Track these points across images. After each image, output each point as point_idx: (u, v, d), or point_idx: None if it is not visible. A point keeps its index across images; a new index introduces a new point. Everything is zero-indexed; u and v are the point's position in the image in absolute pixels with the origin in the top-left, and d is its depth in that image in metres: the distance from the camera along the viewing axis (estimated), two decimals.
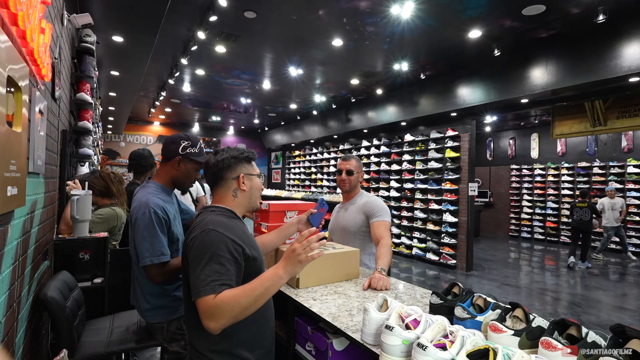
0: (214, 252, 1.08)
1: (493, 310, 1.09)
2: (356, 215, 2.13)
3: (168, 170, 1.65)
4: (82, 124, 3.16)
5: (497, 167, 11.29)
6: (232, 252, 1.10)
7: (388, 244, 1.92)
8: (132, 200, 1.63)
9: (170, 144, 1.63)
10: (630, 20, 3.89)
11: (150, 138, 11.89)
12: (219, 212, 1.23)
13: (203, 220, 1.17)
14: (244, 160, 1.31)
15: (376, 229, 2.02)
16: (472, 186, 6.44)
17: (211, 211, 1.23)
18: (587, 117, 5.86)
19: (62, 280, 1.82)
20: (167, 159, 1.65)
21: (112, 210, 2.48)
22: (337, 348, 1.32)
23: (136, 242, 1.52)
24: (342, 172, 2.18)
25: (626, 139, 8.47)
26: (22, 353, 1.43)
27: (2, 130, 0.99)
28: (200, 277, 1.04)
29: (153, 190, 1.61)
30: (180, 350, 1.65)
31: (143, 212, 1.51)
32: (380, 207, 2.08)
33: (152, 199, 1.55)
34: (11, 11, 1.07)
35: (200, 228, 1.14)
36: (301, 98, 8.12)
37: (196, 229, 1.16)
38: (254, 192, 1.33)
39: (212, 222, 1.15)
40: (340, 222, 2.20)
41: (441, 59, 5.41)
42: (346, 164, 2.19)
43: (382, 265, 1.76)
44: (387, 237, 1.97)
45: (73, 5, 3.08)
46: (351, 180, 2.18)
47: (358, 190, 2.24)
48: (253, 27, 4.48)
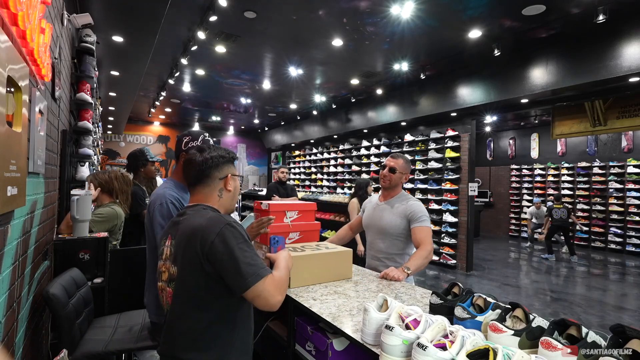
0: (244, 241, 1.13)
1: (493, 310, 1.09)
2: (397, 219, 2.09)
3: (179, 168, 1.75)
4: (82, 124, 3.15)
5: (497, 167, 11.29)
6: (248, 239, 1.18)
7: (428, 250, 1.93)
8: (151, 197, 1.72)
9: (177, 143, 1.73)
10: (630, 20, 3.89)
11: (150, 138, 11.89)
12: (212, 209, 1.22)
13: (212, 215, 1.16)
14: (230, 161, 1.31)
15: (418, 234, 2.01)
16: (472, 186, 6.44)
17: (204, 209, 1.21)
18: (587, 117, 5.86)
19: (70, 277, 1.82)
20: (177, 158, 1.75)
21: (112, 210, 2.48)
22: (337, 348, 1.32)
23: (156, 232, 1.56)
24: (385, 167, 2.18)
25: (626, 139, 8.47)
26: (22, 353, 1.43)
27: (2, 130, 0.99)
28: (251, 263, 1.09)
29: (169, 185, 1.70)
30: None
31: (160, 202, 1.58)
32: (422, 212, 2.06)
33: (167, 192, 1.63)
34: (11, 11, 1.07)
35: (219, 222, 1.12)
36: (301, 98, 8.12)
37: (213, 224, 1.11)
38: (235, 193, 1.33)
39: (224, 217, 1.18)
40: (378, 221, 2.17)
41: (441, 59, 5.41)
42: (392, 161, 2.17)
43: (409, 265, 1.84)
44: (428, 243, 1.96)
45: (73, 5, 3.08)
46: (392, 178, 2.15)
47: (399, 191, 2.21)
48: (253, 27, 4.48)
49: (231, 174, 1.29)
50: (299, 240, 2.06)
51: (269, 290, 1.09)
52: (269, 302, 1.09)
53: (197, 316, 1.11)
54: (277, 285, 1.12)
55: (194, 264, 1.10)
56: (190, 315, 1.12)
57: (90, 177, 2.58)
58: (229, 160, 1.30)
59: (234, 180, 1.31)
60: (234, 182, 1.31)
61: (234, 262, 1.07)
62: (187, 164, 1.28)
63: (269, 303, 1.09)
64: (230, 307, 1.14)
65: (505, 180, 11.01)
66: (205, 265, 1.08)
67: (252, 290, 1.07)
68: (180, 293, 1.13)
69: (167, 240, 1.22)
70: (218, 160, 1.25)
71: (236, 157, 1.36)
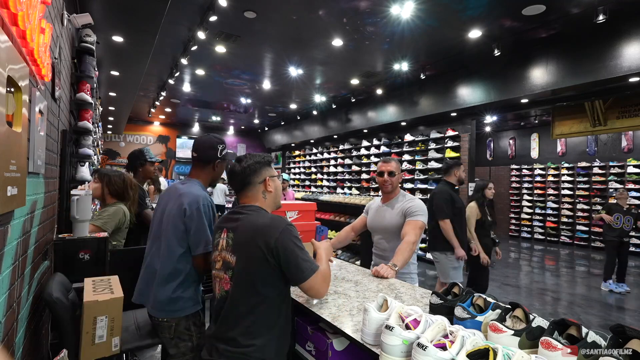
0: (300, 239, 1.31)
1: (493, 310, 1.08)
2: (398, 217, 2.18)
3: (208, 172, 1.81)
4: (82, 124, 3.15)
5: (497, 167, 11.29)
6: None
7: (409, 242, 1.98)
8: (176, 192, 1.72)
9: (209, 149, 1.77)
10: (630, 20, 3.89)
11: (150, 138, 11.89)
12: (265, 211, 1.40)
13: (275, 218, 1.34)
14: (266, 164, 1.45)
15: (406, 226, 2.08)
16: (472, 186, 6.44)
17: (259, 209, 1.39)
18: (587, 117, 5.87)
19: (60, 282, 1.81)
20: (207, 162, 1.79)
21: (119, 207, 2.48)
22: (337, 348, 1.32)
23: (193, 230, 1.61)
24: (384, 174, 2.24)
25: (626, 139, 8.47)
26: (22, 353, 1.43)
27: (2, 130, 0.99)
28: (307, 259, 1.29)
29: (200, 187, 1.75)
30: (186, 352, 1.64)
31: (204, 203, 1.65)
32: (418, 208, 2.13)
33: (205, 194, 1.71)
34: (11, 11, 1.07)
35: (282, 223, 1.30)
36: (301, 98, 8.12)
37: (276, 223, 1.29)
38: (278, 192, 1.50)
39: (283, 218, 1.35)
40: (381, 222, 2.26)
41: (441, 59, 5.41)
42: (387, 165, 2.26)
43: (394, 261, 1.90)
44: (412, 234, 2.01)
45: (73, 5, 3.08)
46: (393, 182, 2.25)
47: (398, 191, 2.30)
48: (253, 27, 4.48)
49: (269, 176, 1.44)
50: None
51: (319, 282, 1.30)
52: (320, 292, 1.31)
53: (252, 301, 1.27)
54: (324, 278, 1.33)
55: (258, 256, 1.26)
56: (246, 300, 1.27)
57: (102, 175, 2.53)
58: (265, 164, 1.44)
59: (273, 180, 1.46)
60: (274, 183, 1.47)
61: (294, 258, 1.25)
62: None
63: (319, 293, 1.31)
64: (280, 296, 1.31)
65: (505, 180, 11.01)
66: (270, 258, 1.25)
67: (307, 282, 1.27)
68: (240, 281, 1.29)
69: (223, 233, 1.38)
70: (255, 166, 1.41)
71: (272, 160, 1.51)
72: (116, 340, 1.50)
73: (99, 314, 1.45)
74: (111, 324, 1.48)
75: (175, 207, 1.65)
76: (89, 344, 1.43)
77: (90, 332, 1.43)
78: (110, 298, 1.49)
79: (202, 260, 1.63)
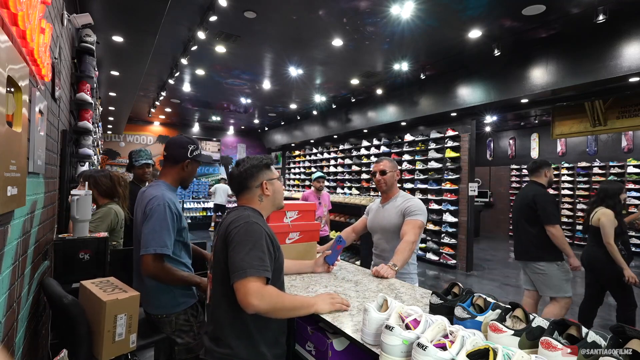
0: (257, 241, 1.20)
1: (493, 310, 1.08)
2: (395, 217, 2.17)
3: (177, 171, 1.80)
4: (82, 124, 3.16)
5: (497, 167, 11.29)
6: (268, 245, 1.24)
7: (408, 241, 1.97)
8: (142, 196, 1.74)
9: (179, 148, 1.77)
10: (630, 20, 3.89)
11: (150, 138, 11.89)
12: (252, 210, 1.35)
13: (243, 214, 1.29)
14: (264, 167, 1.42)
15: (404, 226, 2.07)
16: (472, 186, 6.45)
17: (244, 209, 1.35)
18: (587, 117, 5.86)
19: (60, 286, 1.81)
20: (175, 162, 1.79)
21: (109, 209, 2.48)
22: (337, 348, 1.32)
23: (145, 230, 1.60)
24: (376, 174, 2.25)
25: (626, 139, 8.47)
26: (22, 353, 1.43)
27: (2, 130, 0.99)
28: (245, 259, 1.16)
29: (164, 188, 1.74)
30: (191, 341, 1.71)
31: (158, 203, 1.63)
32: (417, 208, 2.11)
33: (166, 194, 1.69)
34: (11, 11, 1.07)
35: (243, 219, 1.26)
36: (301, 98, 8.12)
37: (239, 219, 1.26)
38: (277, 195, 1.46)
39: (253, 216, 1.29)
40: (380, 222, 2.26)
41: (441, 59, 5.41)
42: (379, 165, 2.26)
43: (394, 261, 1.88)
44: (411, 234, 2.00)
45: (73, 5, 3.08)
46: (386, 180, 2.23)
47: (396, 191, 2.28)
48: (253, 27, 4.48)
49: (266, 179, 1.41)
50: (299, 240, 2.06)
51: (248, 288, 1.11)
52: (243, 300, 1.12)
53: (227, 300, 1.22)
54: (258, 289, 1.12)
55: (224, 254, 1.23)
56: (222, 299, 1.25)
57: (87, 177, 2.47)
58: (262, 167, 1.42)
59: (271, 184, 1.43)
60: (272, 186, 1.43)
61: (235, 253, 1.18)
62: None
63: (243, 300, 1.12)
64: None
65: (505, 180, 11.01)
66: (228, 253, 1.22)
67: (236, 284, 1.14)
68: (215, 279, 1.30)
69: (216, 235, 1.38)
70: (251, 170, 1.39)
71: (271, 162, 1.47)
72: (133, 337, 1.52)
73: (119, 312, 1.47)
74: (129, 321, 1.50)
75: (140, 210, 1.70)
76: (109, 342, 1.45)
77: (111, 330, 1.45)
78: (129, 296, 1.51)
79: (150, 261, 1.57)
